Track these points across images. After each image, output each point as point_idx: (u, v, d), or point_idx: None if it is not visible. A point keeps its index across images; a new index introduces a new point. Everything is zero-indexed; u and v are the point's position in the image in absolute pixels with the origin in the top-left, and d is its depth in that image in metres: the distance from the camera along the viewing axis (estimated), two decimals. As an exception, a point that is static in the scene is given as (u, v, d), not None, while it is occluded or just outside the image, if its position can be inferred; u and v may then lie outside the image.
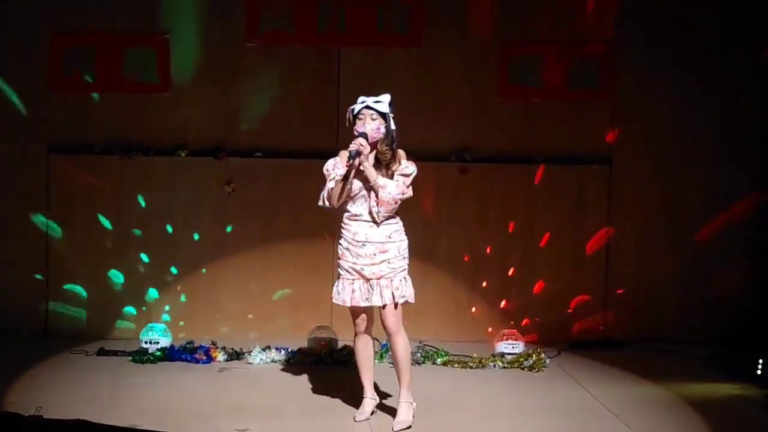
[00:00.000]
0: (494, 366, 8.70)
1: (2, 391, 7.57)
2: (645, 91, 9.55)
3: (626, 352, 9.30)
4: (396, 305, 7.00)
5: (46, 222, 9.19)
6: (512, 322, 9.44)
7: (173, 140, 9.28)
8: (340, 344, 8.89)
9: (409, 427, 7.01)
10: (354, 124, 7.06)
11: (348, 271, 7.08)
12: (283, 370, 8.52)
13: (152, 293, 9.33)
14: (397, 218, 7.09)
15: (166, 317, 9.31)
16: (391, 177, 6.99)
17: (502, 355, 8.84)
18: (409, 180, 7.03)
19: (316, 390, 7.94)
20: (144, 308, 9.32)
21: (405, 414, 7.04)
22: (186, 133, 9.30)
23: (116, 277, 9.29)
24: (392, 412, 7.19)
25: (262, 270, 9.41)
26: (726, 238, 9.64)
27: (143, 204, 9.29)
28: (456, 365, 8.68)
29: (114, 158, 9.22)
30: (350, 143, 6.95)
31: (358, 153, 6.91)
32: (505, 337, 8.98)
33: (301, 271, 9.45)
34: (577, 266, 9.60)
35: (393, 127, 7.06)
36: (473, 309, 9.57)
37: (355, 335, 7.22)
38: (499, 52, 9.42)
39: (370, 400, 7.24)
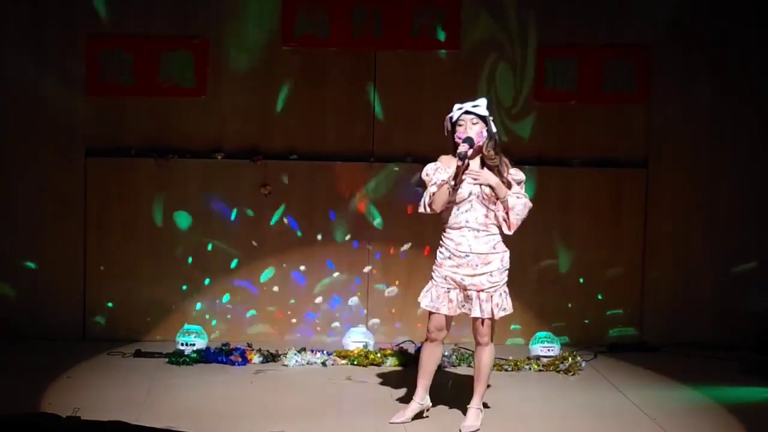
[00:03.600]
0: (530, 369, 8.69)
1: (40, 393, 7.63)
2: (681, 93, 9.51)
3: (662, 356, 9.27)
4: (491, 319, 6.99)
5: (84, 224, 9.24)
6: (550, 325, 9.43)
7: (209, 143, 9.32)
8: (376, 347, 8.91)
9: (477, 431, 7.04)
10: (453, 132, 6.96)
11: (445, 279, 7.00)
12: (318, 372, 8.53)
13: (189, 295, 9.37)
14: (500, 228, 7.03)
15: (203, 319, 9.34)
16: (508, 184, 6.92)
17: (538, 357, 8.83)
18: (523, 188, 7.02)
19: (351, 392, 7.96)
20: (181, 310, 9.36)
21: (474, 419, 7.05)
22: (222, 136, 9.34)
23: (153, 278, 9.33)
24: (432, 416, 7.26)
25: (298, 272, 9.43)
26: (762, 243, 9.58)
27: (179, 207, 9.33)
28: (491, 367, 8.65)
29: (150, 161, 9.27)
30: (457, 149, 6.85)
31: (467, 155, 6.80)
32: (540, 339, 8.96)
33: (338, 273, 9.46)
34: (613, 269, 9.57)
35: (494, 129, 7.00)
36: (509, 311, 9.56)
37: (427, 340, 7.15)
38: (534, 54, 9.41)
39: (417, 404, 7.20)
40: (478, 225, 6.94)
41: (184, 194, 9.33)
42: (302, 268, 9.43)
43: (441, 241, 7.04)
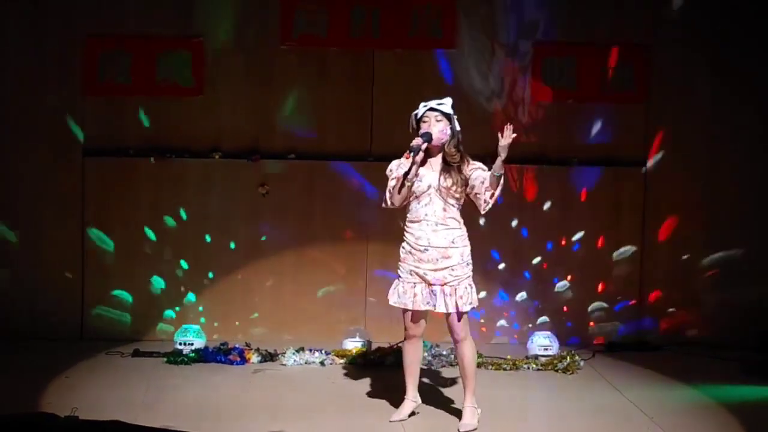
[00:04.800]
0: (528, 368, 8.69)
1: (39, 393, 7.63)
2: (681, 93, 9.50)
3: (661, 355, 9.27)
4: (461, 313, 7.00)
5: (82, 224, 9.24)
6: (548, 323, 9.44)
7: (208, 143, 9.32)
8: (374, 346, 8.91)
9: (474, 430, 7.02)
10: (418, 128, 7.04)
11: (410, 274, 7.05)
12: (316, 371, 8.53)
13: (187, 295, 9.37)
14: (461, 223, 7.07)
15: (201, 319, 9.34)
16: (465, 180, 6.98)
17: (536, 357, 8.83)
18: None
19: (349, 391, 7.96)
20: (179, 309, 9.36)
21: (470, 417, 7.05)
22: (220, 135, 9.34)
23: (151, 278, 9.33)
24: (430, 415, 7.27)
25: (296, 271, 9.43)
26: (762, 242, 9.57)
27: (177, 206, 9.32)
28: (489, 367, 8.67)
29: (149, 161, 9.27)
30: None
31: (419, 149, 6.89)
32: (539, 338, 8.96)
33: (335, 273, 9.46)
34: (612, 268, 9.56)
35: (458, 128, 7.06)
36: (507, 310, 9.56)
37: (406, 338, 7.19)
38: (531, 53, 9.41)
39: (410, 402, 7.23)
40: (437, 219, 6.98)
41: (183, 194, 9.33)
42: (299, 267, 9.42)
43: (403, 236, 7.10)
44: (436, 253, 6.96)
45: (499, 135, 6.89)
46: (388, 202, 7.09)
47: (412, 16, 9.33)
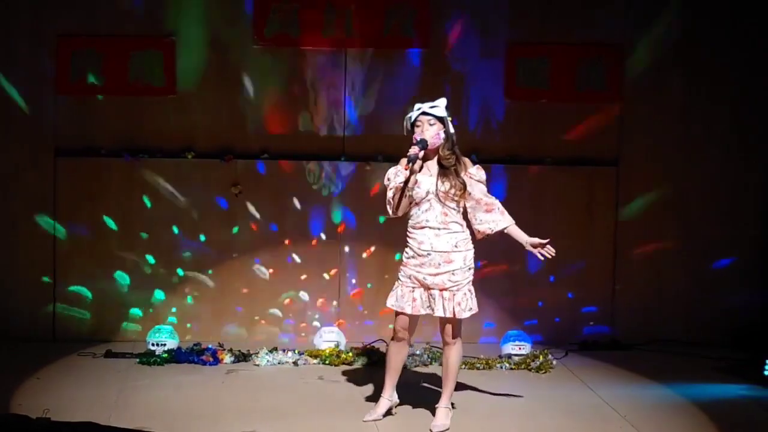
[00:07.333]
0: (501, 367, 8.70)
1: (10, 394, 7.59)
2: (653, 92, 9.54)
3: (634, 354, 9.30)
4: (456, 318, 6.99)
5: (54, 225, 9.20)
6: (521, 323, 9.46)
7: (180, 143, 9.29)
8: (347, 346, 8.90)
9: (447, 430, 7.03)
10: (412, 132, 7.00)
11: (409, 278, 7.02)
12: (290, 372, 8.52)
13: (159, 295, 9.34)
14: (464, 226, 7.06)
15: (173, 319, 9.32)
16: (463, 184, 6.96)
17: (509, 356, 8.84)
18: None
19: (322, 392, 7.95)
20: (151, 310, 9.33)
21: (443, 418, 7.06)
22: (193, 135, 9.31)
23: (123, 279, 9.30)
24: (404, 415, 7.27)
25: (269, 271, 9.42)
26: (734, 240, 9.62)
27: (150, 206, 9.29)
28: (463, 366, 8.66)
29: (121, 161, 9.23)
30: (408, 149, 6.91)
31: (417, 157, 6.85)
32: (512, 338, 8.97)
33: (309, 273, 9.45)
34: (585, 267, 9.59)
35: (452, 130, 7.03)
36: (480, 310, 9.56)
37: (393, 339, 7.17)
38: (506, 53, 9.42)
39: (386, 401, 7.23)
40: (438, 224, 6.96)
41: (155, 194, 9.30)
42: (272, 267, 9.41)
43: (406, 241, 7.07)
44: (438, 258, 6.94)
45: (541, 250, 7.30)
46: (390, 213, 7.05)
47: (386, 15, 9.33)
